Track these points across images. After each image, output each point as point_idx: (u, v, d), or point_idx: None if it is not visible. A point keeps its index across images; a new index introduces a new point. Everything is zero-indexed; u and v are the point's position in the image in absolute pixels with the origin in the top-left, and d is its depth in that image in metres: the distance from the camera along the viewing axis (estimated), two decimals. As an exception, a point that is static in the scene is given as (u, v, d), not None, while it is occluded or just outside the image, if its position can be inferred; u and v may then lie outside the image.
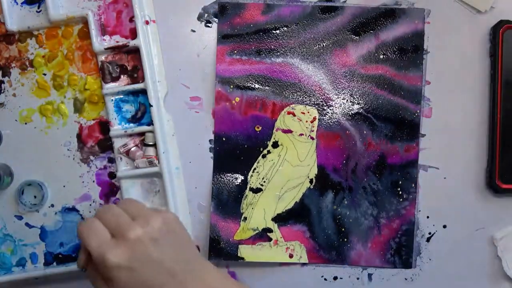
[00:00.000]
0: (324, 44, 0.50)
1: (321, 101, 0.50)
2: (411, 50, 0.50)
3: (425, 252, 0.51)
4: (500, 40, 0.49)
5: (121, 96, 0.50)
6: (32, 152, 0.50)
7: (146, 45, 0.49)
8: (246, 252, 0.50)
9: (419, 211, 0.50)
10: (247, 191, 0.50)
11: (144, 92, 0.49)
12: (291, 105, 0.50)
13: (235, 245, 0.50)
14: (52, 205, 0.51)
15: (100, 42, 0.49)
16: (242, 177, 0.50)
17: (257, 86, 0.50)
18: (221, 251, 0.50)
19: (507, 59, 0.49)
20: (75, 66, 0.50)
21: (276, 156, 0.50)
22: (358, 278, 0.51)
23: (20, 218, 0.51)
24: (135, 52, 0.49)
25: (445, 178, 0.50)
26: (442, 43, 0.51)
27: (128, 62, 0.50)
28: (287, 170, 0.50)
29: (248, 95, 0.50)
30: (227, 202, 0.50)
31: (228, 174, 0.50)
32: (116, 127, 0.50)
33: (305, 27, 0.50)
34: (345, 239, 0.50)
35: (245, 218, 0.50)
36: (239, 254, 0.50)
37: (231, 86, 0.50)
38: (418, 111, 0.50)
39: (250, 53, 0.50)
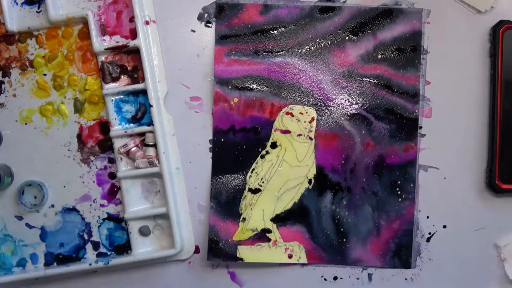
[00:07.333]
0: (322, 44, 0.50)
1: (320, 101, 0.50)
2: (409, 50, 0.50)
3: (425, 252, 0.51)
4: (500, 40, 0.49)
5: (121, 97, 0.50)
6: (32, 152, 0.50)
7: (146, 45, 0.49)
8: (245, 252, 0.50)
9: (419, 211, 0.50)
10: (245, 191, 0.50)
11: (144, 92, 0.49)
12: (289, 106, 0.50)
13: (234, 245, 0.50)
14: (52, 206, 0.51)
15: (100, 43, 0.49)
16: (241, 178, 0.50)
17: (255, 86, 0.50)
18: (220, 251, 0.50)
19: (507, 59, 0.49)
20: (75, 66, 0.50)
21: (274, 157, 0.50)
22: (358, 278, 0.51)
23: (20, 218, 0.51)
24: (135, 52, 0.50)
25: (445, 178, 0.50)
26: (442, 43, 0.50)
27: (128, 62, 0.50)
28: (285, 171, 0.50)
29: (246, 95, 0.50)
30: (226, 203, 0.50)
31: (227, 175, 0.50)
32: (116, 128, 0.50)
33: (303, 27, 0.50)
34: (344, 240, 0.50)
35: (244, 219, 0.50)
36: (238, 255, 0.50)
37: (229, 87, 0.50)
38: (416, 110, 0.50)
39: (248, 53, 0.50)
